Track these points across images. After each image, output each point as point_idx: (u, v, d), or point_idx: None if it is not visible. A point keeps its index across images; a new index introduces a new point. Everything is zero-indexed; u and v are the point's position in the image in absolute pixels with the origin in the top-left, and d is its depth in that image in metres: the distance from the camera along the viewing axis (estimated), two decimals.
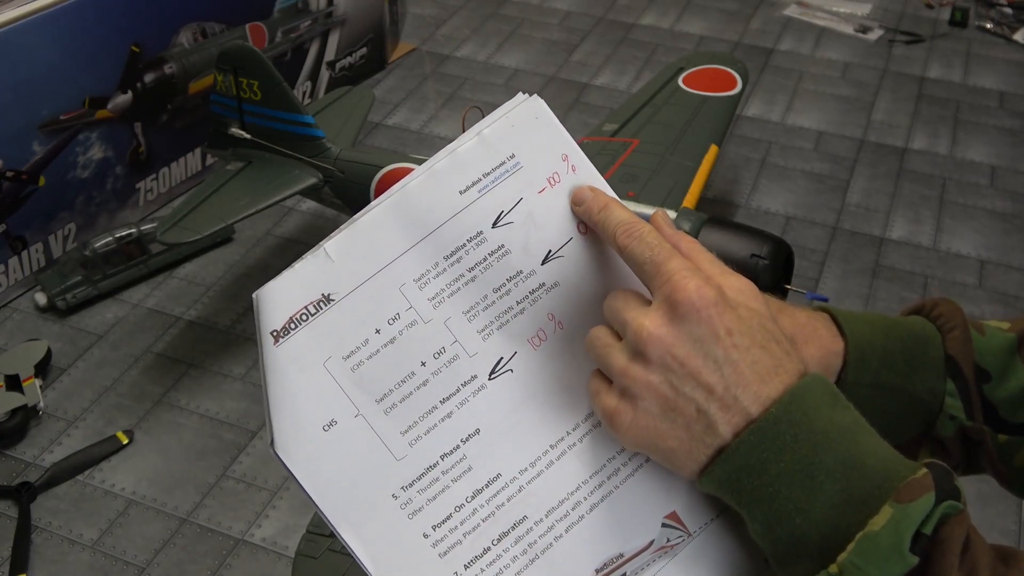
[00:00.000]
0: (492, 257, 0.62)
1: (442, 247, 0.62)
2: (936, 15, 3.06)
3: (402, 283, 0.61)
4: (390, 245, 0.61)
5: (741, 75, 2.07)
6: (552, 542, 0.61)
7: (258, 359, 0.60)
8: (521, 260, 0.63)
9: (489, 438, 0.62)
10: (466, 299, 0.62)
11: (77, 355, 1.86)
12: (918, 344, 0.72)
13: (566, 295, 0.63)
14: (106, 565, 1.51)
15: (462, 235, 0.62)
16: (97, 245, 1.94)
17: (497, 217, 0.62)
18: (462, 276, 0.62)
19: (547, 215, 0.63)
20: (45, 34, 1.86)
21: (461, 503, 0.60)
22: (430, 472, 0.60)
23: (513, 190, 0.63)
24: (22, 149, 1.90)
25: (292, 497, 1.61)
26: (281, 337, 0.59)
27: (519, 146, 0.64)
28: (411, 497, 0.60)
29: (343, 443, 0.59)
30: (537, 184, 0.63)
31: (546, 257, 0.63)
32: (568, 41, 2.89)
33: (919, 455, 0.74)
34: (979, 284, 2.07)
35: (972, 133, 2.54)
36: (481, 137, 0.63)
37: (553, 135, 0.65)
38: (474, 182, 0.62)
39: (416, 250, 0.61)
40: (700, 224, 1.53)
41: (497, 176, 0.63)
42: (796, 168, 2.39)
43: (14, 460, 1.66)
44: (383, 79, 2.70)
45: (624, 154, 1.83)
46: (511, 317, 0.63)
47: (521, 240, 0.63)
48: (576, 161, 0.65)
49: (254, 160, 1.85)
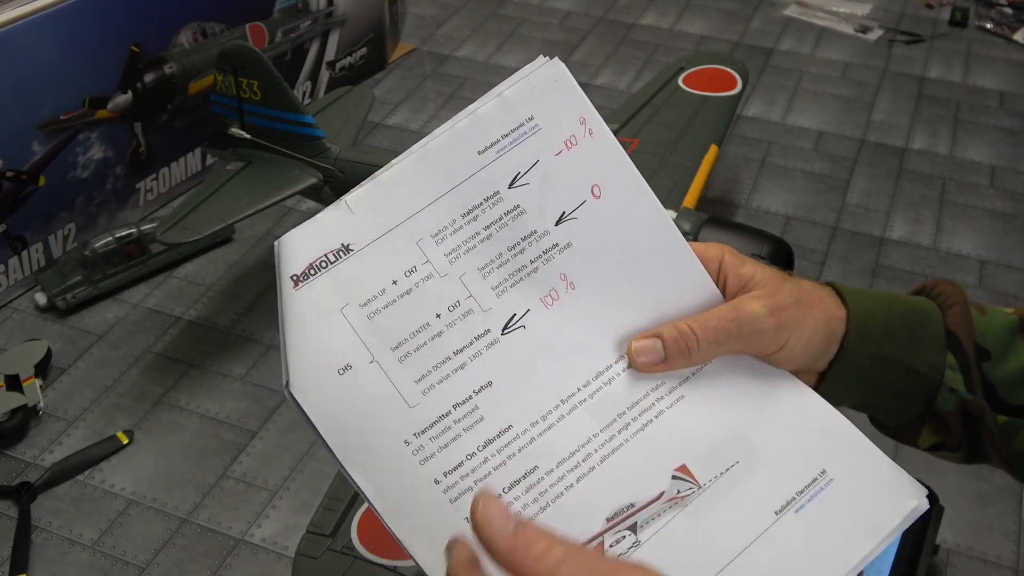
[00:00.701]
0: (508, 216, 0.64)
1: (460, 205, 0.63)
2: (936, 15, 3.06)
3: (419, 238, 0.63)
4: (409, 201, 0.63)
5: (741, 75, 2.07)
6: (563, 491, 0.62)
7: (277, 304, 0.61)
8: (536, 220, 0.65)
9: (501, 390, 0.63)
10: (481, 256, 0.63)
11: (77, 355, 1.86)
12: (919, 319, 0.72)
13: (578, 256, 0.65)
14: (106, 565, 1.51)
15: (479, 194, 0.64)
16: (97, 245, 1.94)
17: (514, 178, 0.64)
18: (478, 234, 0.64)
19: (562, 177, 0.65)
20: (45, 34, 1.86)
21: (472, 452, 0.61)
22: (442, 421, 0.61)
23: (531, 152, 0.65)
24: (22, 149, 1.90)
25: (292, 497, 1.61)
26: (301, 281, 0.60)
27: (538, 109, 0.65)
28: (423, 444, 0.61)
29: (357, 387, 0.60)
30: (554, 147, 0.65)
31: (560, 218, 0.65)
32: (568, 41, 2.89)
33: (922, 434, 0.75)
34: (979, 284, 2.07)
35: (972, 133, 2.54)
36: (502, 98, 0.65)
37: (572, 98, 0.66)
38: (493, 143, 0.64)
39: (434, 207, 0.63)
40: (700, 224, 1.53)
41: (516, 138, 0.64)
42: (796, 168, 2.39)
43: (14, 460, 1.66)
44: (383, 79, 2.70)
45: None
46: (524, 275, 0.64)
47: (536, 201, 0.64)
48: (593, 125, 0.66)
49: (254, 160, 1.84)
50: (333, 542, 1.23)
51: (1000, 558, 1.55)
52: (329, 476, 1.59)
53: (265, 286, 2.03)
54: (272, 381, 1.81)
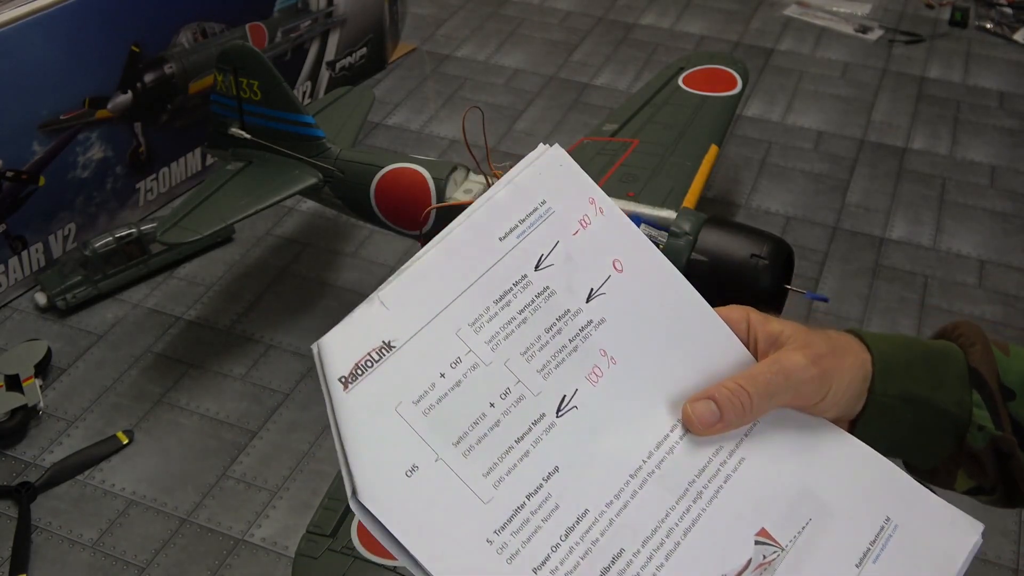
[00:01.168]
0: (539, 299, 0.65)
1: (491, 292, 0.64)
2: (936, 15, 3.06)
3: (458, 328, 0.63)
4: (441, 292, 0.63)
5: (741, 75, 2.07)
6: (656, 572, 0.61)
7: (327, 409, 0.59)
8: (567, 300, 0.65)
9: (569, 474, 0.62)
10: (521, 340, 0.64)
11: (77, 355, 1.86)
12: (940, 358, 0.73)
13: (613, 330, 0.66)
14: (106, 565, 1.51)
15: (508, 279, 0.65)
16: (97, 245, 1.94)
17: (538, 260, 0.65)
18: (514, 318, 0.64)
19: (584, 255, 0.67)
20: (45, 34, 1.86)
21: (556, 543, 0.60)
22: (519, 514, 0.60)
23: (549, 234, 0.66)
24: (22, 149, 1.90)
25: (292, 497, 1.61)
26: (350, 383, 0.59)
27: (548, 192, 0.67)
28: (506, 541, 0.59)
29: (428, 489, 0.58)
30: (571, 227, 0.67)
31: (589, 295, 0.66)
32: (568, 41, 2.89)
33: (958, 477, 0.75)
34: (979, 284, 2.07)
35: (972, 133, 2.54)
36: (513, 185, 0.66)
37: (577, 180, 0.69)
38: (512, 228, 0.65)
39: (467, 295, 0.63)
40: (700, 224, 1.53)
41: (532, 222, 0.66)
42: (796, 168, 2.39)
43: (14, 460, 1.66)
44: (383, 79, 2.70)
45: (624, 154, 1.83)
46: (566, 355, 0.65)
47: (564, 281, 0.66)
48: (602, 203, 0.68)
49: (254, 160, 1.84)
50: (333, 542, 1.23)
51: (1000, 558, 1.55)
52: (329, 476, 1.59)
53: (265, 286, 2.03)
54: (272, 381, 1.81)
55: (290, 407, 1.77)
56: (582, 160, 1.89)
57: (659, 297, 0.68)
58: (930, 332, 2.08)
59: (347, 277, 2.06)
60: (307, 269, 2.08)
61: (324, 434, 1.71)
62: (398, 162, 1.72)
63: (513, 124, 2.51)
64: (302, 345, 1.88)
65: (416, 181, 1.67)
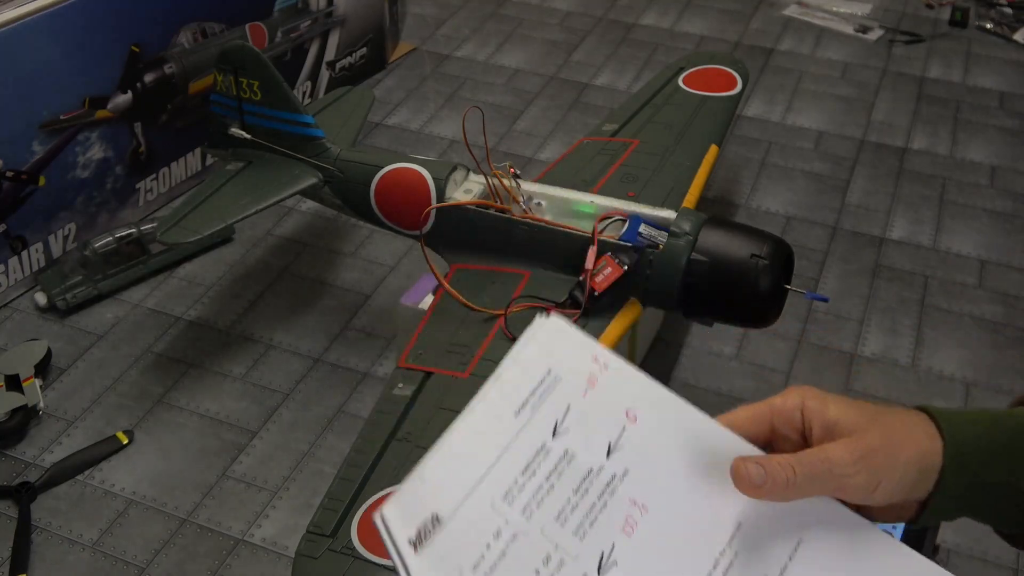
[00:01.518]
0: (561, 463, 0.67)
1: (516, 464, 0.66)
2: (936, 15, 3.06)
3: (492, 501, 0.65)
4: (472, 468, 0.66)
5: (741, 75, 2.07)
6: None
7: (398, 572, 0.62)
8: (588, 459, 0.68)
9: None
10: (553, 506, 0.66)
11: (77, 355, 1.86)
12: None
13: (638, 479, 0.68)
14: (106, 565, 1.51)
15: (530, 450, 0.67)
16: (97, 245, 1.94)
17: (554, 427, 0.68)
18: (541, 487, 0.66)
19: (597, 413, 0.69)
20: (45, 34, 1.86)
21: None
22: None
23: (560, 400, 0.69)
24: (22, 149, 1.90)
25: (292, 497, 1.61)
26: (419, 545, 0.62)
27: (552, 361, 0.69)
28: None
29: None
30: (579, 389, 0.69)
31: (609, 450, 0.68)
32: (568, 41, 2.89)
33: None
34: (979, 284, 2.07)
35: (972, 133, 2.54)
36: (518, 362, 0.69)
37: (578, 343, 0.71)
38: (524, 402, 0.68)
39: (496, 470, 0.66)
40: (700, 224, 1.53)
41: (542, 393, 0.68)
42: (796, 168, 2.39)
43: (14, 460, 1.66)
44: (383, 79, 2.70)
45: (624, 154, 1.83)
46: (597, 512, 0.67)
47: (582, 441, 0.68)
48: (605, 359, 0.71)
49: (254, 160, 1.84)
50: (333, 542, 1.23)
51: (1000, 558, 1.55)
52: (329, 476, 1.59)
53: (265, 286, 2.03)
54: (272, 381, 1.81)
55: (290, 407, 1.77)
56: (582, 160, 1.89)
57: (674, 436, 0.70)
58: (930, 332, 2.08)
59: (347, 277, 2.06)
60: (307, 269, 2.08)
61: (324, 434, 1.72)
62: (398, 162, 1.72)
63: (513, 124, 2.51)
64: (302, 345, 1.88)
65: (416, 181, 1.67)
